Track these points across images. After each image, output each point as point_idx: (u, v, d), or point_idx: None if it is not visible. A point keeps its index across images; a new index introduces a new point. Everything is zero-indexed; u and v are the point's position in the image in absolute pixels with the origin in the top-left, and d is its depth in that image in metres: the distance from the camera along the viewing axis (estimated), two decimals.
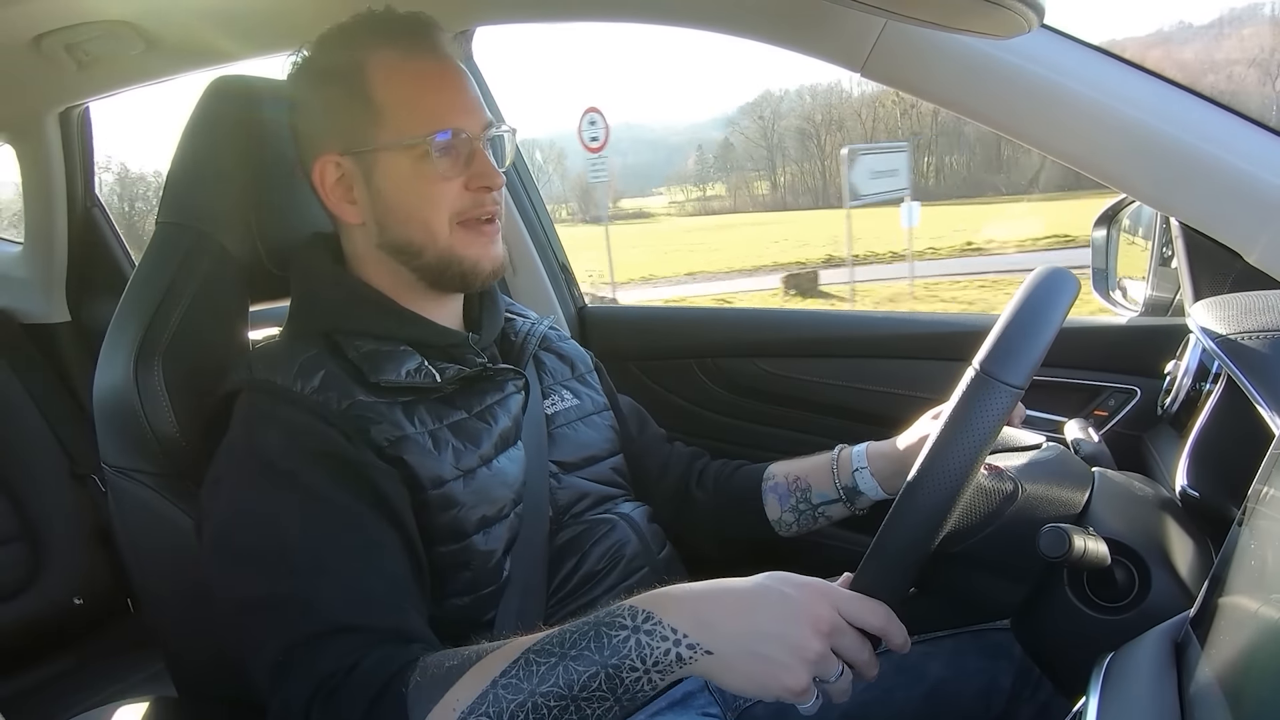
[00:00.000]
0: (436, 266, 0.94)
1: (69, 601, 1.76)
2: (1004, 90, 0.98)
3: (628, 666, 0.66)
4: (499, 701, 0.66)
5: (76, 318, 1.91)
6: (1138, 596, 0.72)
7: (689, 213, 32.68)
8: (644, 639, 0.66)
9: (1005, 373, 0.67)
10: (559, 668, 0.66)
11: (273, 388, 0.86)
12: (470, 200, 0.93)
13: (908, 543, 0.69)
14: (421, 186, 0.91)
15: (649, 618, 0.67)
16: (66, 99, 1.64)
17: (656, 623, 0.67)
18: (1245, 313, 0.72)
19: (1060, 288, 0.70)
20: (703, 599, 0.68)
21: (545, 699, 0.66)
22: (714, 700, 1.05)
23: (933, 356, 1.40)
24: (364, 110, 0.91)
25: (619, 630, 0.67)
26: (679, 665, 0.66)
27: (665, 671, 0.66)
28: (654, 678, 0.66)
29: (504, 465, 0.93)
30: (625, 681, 0.66)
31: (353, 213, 0.95)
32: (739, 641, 0.66)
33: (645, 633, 0.66)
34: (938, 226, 17.78)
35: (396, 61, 0.91)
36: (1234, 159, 0.93)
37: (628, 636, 0.66)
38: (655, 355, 1.60)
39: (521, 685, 0.66)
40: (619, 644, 0.66)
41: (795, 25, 1.04)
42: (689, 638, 0.66)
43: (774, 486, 1.11)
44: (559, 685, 0.66)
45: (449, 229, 0.93)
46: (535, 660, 0.67)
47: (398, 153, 0.91)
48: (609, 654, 0.66)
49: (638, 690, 0.66)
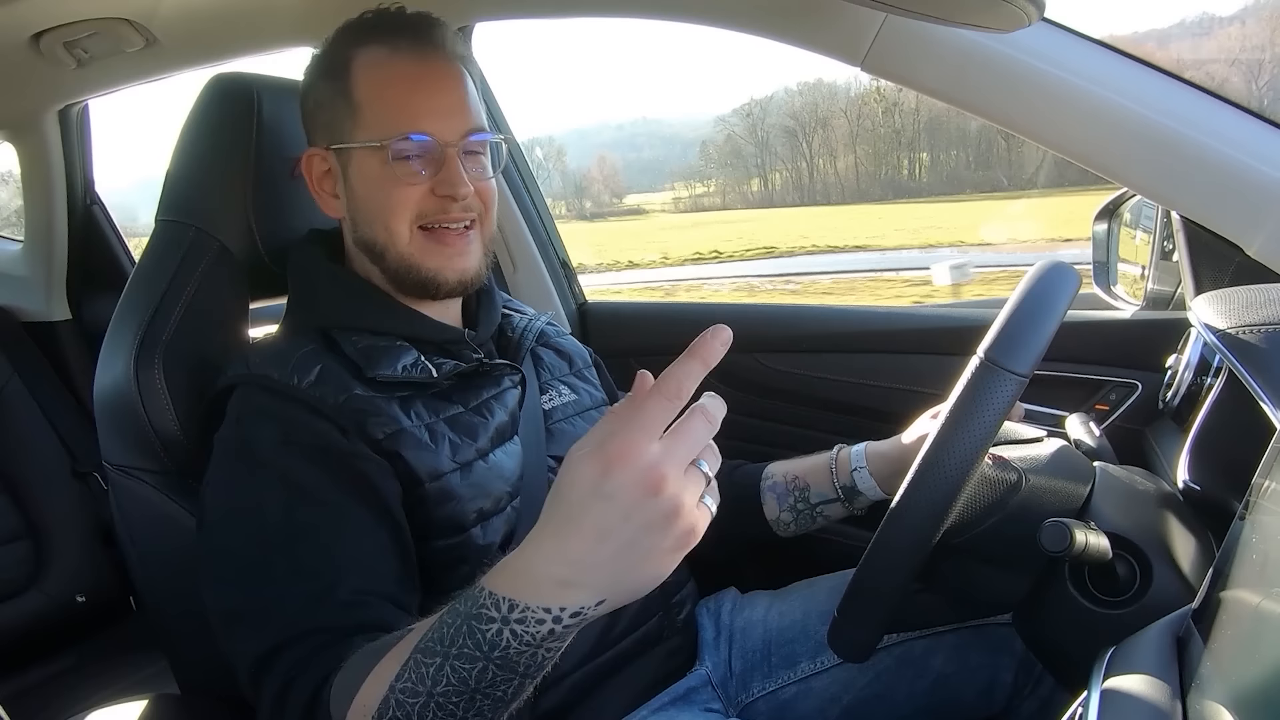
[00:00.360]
0: (397, 270, 0.94)
1: (71, 600, 1.76)
2: (1004, 84, 0.97)
3: (514, 652, 0.59)
4: (402, 706, 0.62)
5: (77, 315, 1.91)
6: (1139, 591, 0.72)
7: (682, 209, 32.70)
8: (518, 628, 0.58)
9: (1010, 360, 0.68)
10: (445, 668, 0.61)
11: (269, 382, 0.86)
12: (435, 206, 0.92)
13: (916, 527, 0.69)
14: (387, 188, 0.91)
15: (513, 606, 0.59)
16: (66, 96, 1.64)
17: (525, 610, 0.58)
18: (1246, 306, 0.72)
19: (1061, 281, 0.71)
20: (551, 559, 0.57)
21: (446, 698, 0.61)
22: (716, 696, 1.06)
23: (933, 351, 1.39)
24: (345, 106, 0.92)
25: (489, 624, 0.59)
26: (569, 632, 0.59)
27: (560, 638, 0.59)
28: (550, 646, 0.60)
29: (500, 459, 0.93)
30: (520, 662, 0.60)
31: (335, 206, 0.96)
32: (619, 568, 0.56)
33: (517, 621, 0.59)
34: (911, 222, 17.80)
35: (381, 59, 0.92)
36: (1234, 152, 0.93)
37: (500, 629, 0.59)
38: (656, 351, 1.58)
39: (418, 689, 0.62)
40: (494, 637, 0.59)
41: (796, 20, 1.04)
42: (567, 609, 0.58)
43: (772, 486, 1.11)
44: (454, 684, 0.61)
45: (409, 233, 0.92)
46: (422, 662, 0.62)
47: (369, 152, 0.91)
48: (489, 648, 0.59)
49: (539, 663, 0.60)
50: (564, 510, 0.56)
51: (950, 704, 1.02)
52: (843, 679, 1.04)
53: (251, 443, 0.83)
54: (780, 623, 1.09)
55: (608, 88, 79.97)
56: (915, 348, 1.42)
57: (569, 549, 0.56)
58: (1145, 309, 1.28)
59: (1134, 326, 1.28)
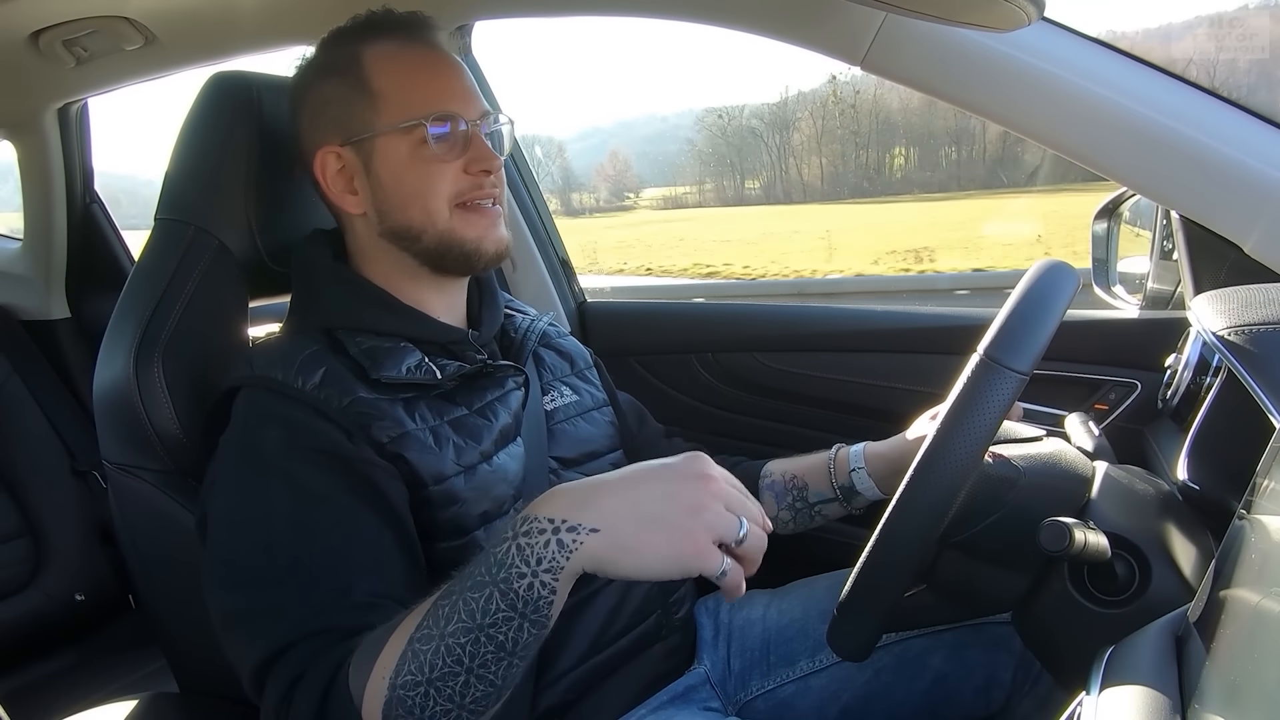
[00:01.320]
0: (437, 249, 0.94)
1: (70, 598, 1.76)
2: (1004, 83, 0.97)
3: (515, 575, 0.63)
4: (418, 656, 0.65)
5: (76, 314, 1.91)
6: (1138, 590, 0.72)
7: (660, 207, 32.70)
8: (523, 540, 0.63)
9: (1011, 358, 0.68)
10: (458, 602, 0.64)
11: (274, 384, 0.86)
12: (469, 183, 0.93)
13: (915, 526, 0.69)
14: (419, 169, 0.92)
15: (525, 519, 0.64)
16: (65, 95, 1.64)
17: (533, 520, 0.64)
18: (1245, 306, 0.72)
19: (1061, 279, 0.71)
20: (579, 486, 0.66)
21: (454, 637, 0.64)
22: (715, 695, 1.06)
23: (932, 351, 1.40)
24: (362, 98, 0.92)
25: (500, 544, 0.64)
26: (563, 555, 0.62)
27: (553, 568, 0.63)
28: (544, 579, 0.63)
29: (504, 462, 0.93)
30: (519, 591, 0.63)
31: (354, 203, 0.95)
32: (624, 510, 0.63)
33: (523, 534, 0.64)
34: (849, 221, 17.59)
35: (393, 50, 0.93)
36: (1231, 150, 0.93)
37: (509, 546, 0.64)
38: (655, 350, 1.60)
39: (432, 633, 0.65)
40: (502, 556, 0.64)
41: (795, 19, 1.04)
42: (567, 521, 0.63)
43: (771, 485, 1.11)
44: (463, 619, 0.64)
45: (448, 211, 0.93)
46: (440, 604, 0.66)
47: (395, 136, 0.91)
48: (496, 569, 0.63)
49: (535, 599, 0.63)
50: (621, 471, 0.67)
51: (948, 703, 1.02)
52: (841, 678, 1.04)
53: (258, 446, 0.84)
54: (779, 621, 1.09)
55: (659, 79, 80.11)
56: (915, 347, 1.42)
57: (601, 484, 0.66)
58: (1145, 308, 1.28)
59: (1133, 326, 1.28)
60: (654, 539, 0.62)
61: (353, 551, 0.80)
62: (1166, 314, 1.24)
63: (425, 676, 0.64)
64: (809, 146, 28.62)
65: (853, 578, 0.73)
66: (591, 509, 0.63)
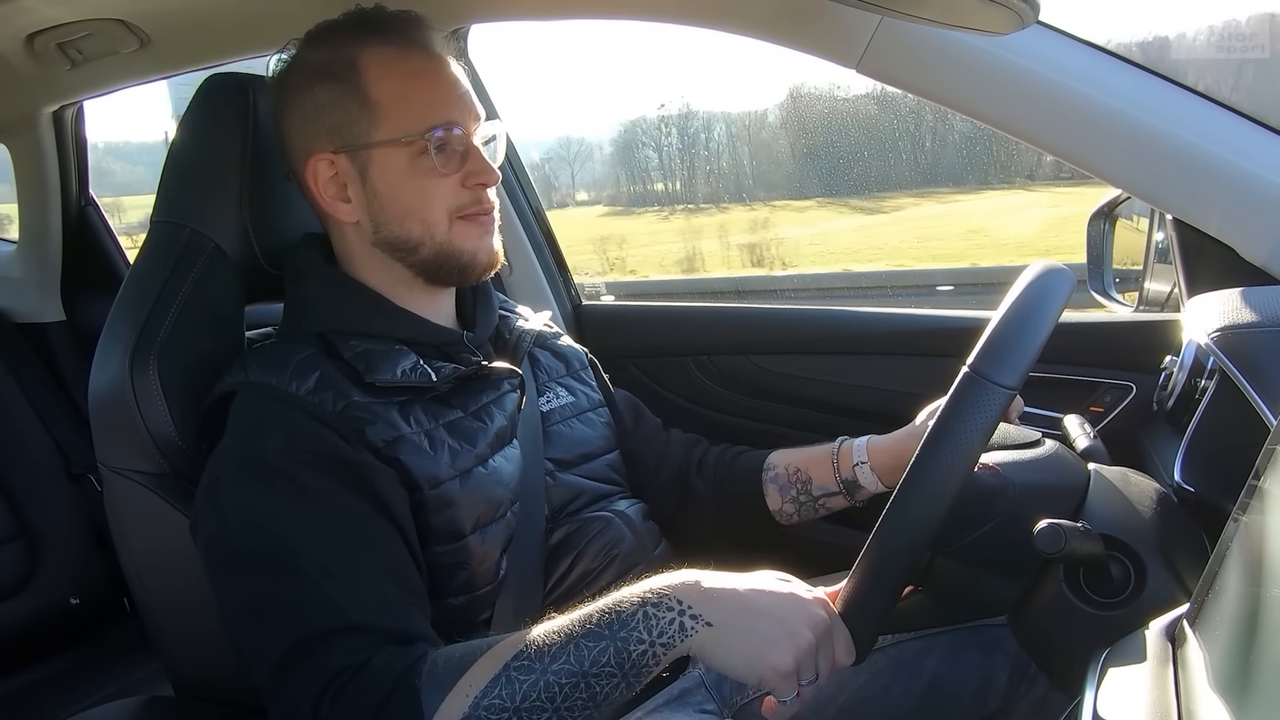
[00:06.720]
0: (434, 261, 0.94)
1: (65, 601, 1.75)
2: (999, 87, 0.98)
3: (635, 639, 0.68)
4: (512, 683, 0.68)
5: (71, 317, 1.90)
6: (1134, 592, 0.72)
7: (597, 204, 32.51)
8: (651, 610, 0.69)
9: (997, 373, 0.67)
10: (570, 645, 0.69)
11: (269, 389, 0.86)
12: (469, 197, 0.93)
13: (900, 548, 0.69)
14: (419, 182, 0.91)
15: (659, 593, 0.71)
16: (60, 98, 1.63)
17: (665, 595, 0.70)
18: (1239, 308, 0.72)
19: (1055, 284, 0.70)
20: (709, 577, 0.72)
21: (558, 676, 0.68)
22: (710, 697, 1.05)
23: (929, 353, 1.39)
24: (359, 107, 0.91)
25: (629, 605, 0.70)
26: (680, 636, 0.69)
27: (669, 644, 0.69)
28: (658, 651, 0.69)
29: (500, 465, 0.93)
30: (632, 655, 0.68)
31: (346, 211, 0.94)
32: (738, 617, 0.70)
33: (653, 605, 0.70)
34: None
35: (392, 58, 0.91)
36: (1227, 154, 0.93)
37: (636, 610, 0.70)
38: (652, 353, 1.60)
39: (534, 665, 0.68)
40: (627, 618, 0.69)
41: (791, 23, 1.04)
42: (693, 609, 0.69)
43: (774, 477, 1.12)
44: (570, 662, 0.68)
45: (447, 224, 0.93)
46: (548, 639, 0.70)
47: (394, 149, 0.90)
48: (618, 628, 0.69)
49: (643, 665, 0.69)
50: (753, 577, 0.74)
51: (945, 704, 1.02)
52: (838, 680, 1.04)
53: (259, 451, 0.83)
54: None
55: (594, 88, 77.83)
56: (912, 350, 1.42)
57: (728, 581, 0.72)
58: (1140, 310, 1.28)
59: (1129, 328, 1.28)
60: (750, 646, 0.69)
61: (367, 553, 0.80)
62: (1162, 316, 1.24)
63: (514, 704, 0.68)
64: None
65: (847, 584, 0.73)
66: (713, 604, 0.70)
